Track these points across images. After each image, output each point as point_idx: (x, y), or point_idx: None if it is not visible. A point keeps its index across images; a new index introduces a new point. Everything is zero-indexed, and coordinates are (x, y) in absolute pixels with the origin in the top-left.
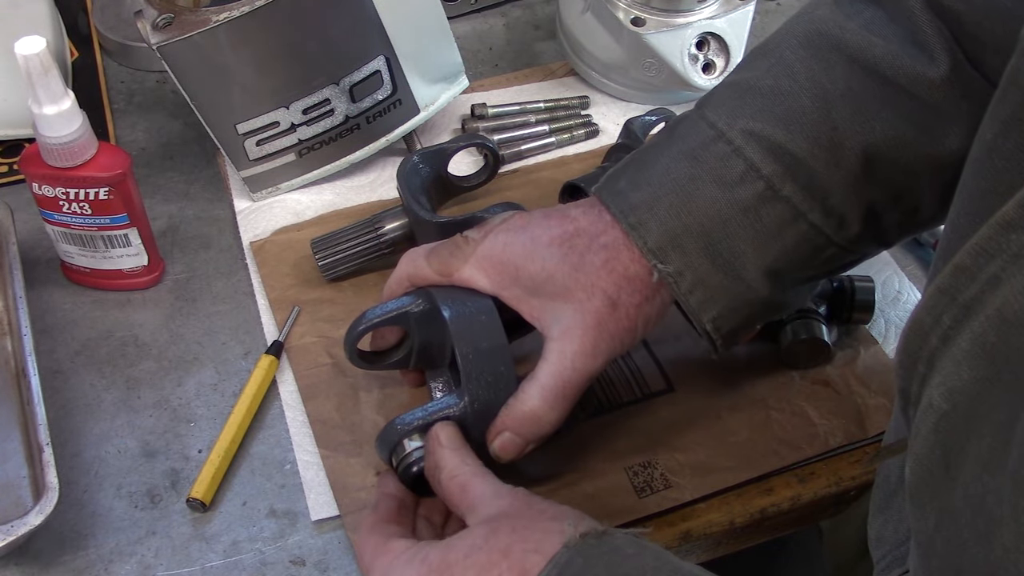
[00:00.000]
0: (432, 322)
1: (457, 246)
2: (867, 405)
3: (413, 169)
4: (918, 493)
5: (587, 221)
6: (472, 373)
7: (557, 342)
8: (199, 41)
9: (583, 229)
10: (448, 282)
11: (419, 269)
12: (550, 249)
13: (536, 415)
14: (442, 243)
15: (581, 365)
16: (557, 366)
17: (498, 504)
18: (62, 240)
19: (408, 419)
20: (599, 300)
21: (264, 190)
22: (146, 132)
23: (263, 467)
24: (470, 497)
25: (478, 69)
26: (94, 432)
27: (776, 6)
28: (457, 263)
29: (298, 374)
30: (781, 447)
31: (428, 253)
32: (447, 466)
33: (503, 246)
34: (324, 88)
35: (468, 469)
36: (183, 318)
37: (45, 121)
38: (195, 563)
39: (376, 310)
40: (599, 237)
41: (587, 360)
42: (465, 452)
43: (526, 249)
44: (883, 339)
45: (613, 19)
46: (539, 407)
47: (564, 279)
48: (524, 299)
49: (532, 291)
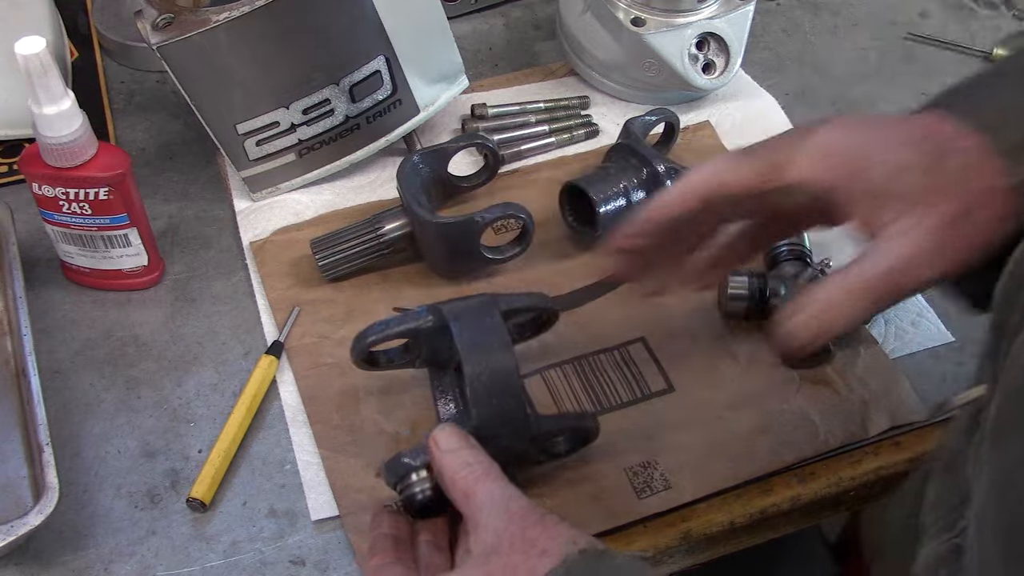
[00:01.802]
0: (441, 335)
1: (783, 143)
2: (867, 405)
3: (413, 169)
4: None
5: (937, 127)
6: (480, 397)
7: (893, 242)
8: (199, 41)
9: (935, 133)
10: (773, 184)
11: (730, 175)
12: (905, 147)
13: (839, 305)
14: (756, 145)
15: (913, 271)
16: (884, 265)
17: (494, 529)
18: (62, 240)
19: (415, 453)
20: (953, 205)
21: (264, 190)
22: (146, 132)
23: (263, 467)
24: (473, 505)
25: (478, 69)
26: (94, 432)
27: (776, 6)
28: (785, 159)
29: (298, 374)
30: (781, 447)
31: (741, 157)
32: (448, 472)
33: (846, 139)
34: (324, 88)
35: (469, 474)
36: (183, 318)
37: (45, 121)
38: (195, 563)
39: (384, 325)
40: (957, 141)
41: (921, 268)
42: (467, 452)
43: (878, 144)
44: (883, 339)
45: (613, 19)
46: (844, 300)
47: (917, 179)
48: (860, 199)
49: (874, 190)
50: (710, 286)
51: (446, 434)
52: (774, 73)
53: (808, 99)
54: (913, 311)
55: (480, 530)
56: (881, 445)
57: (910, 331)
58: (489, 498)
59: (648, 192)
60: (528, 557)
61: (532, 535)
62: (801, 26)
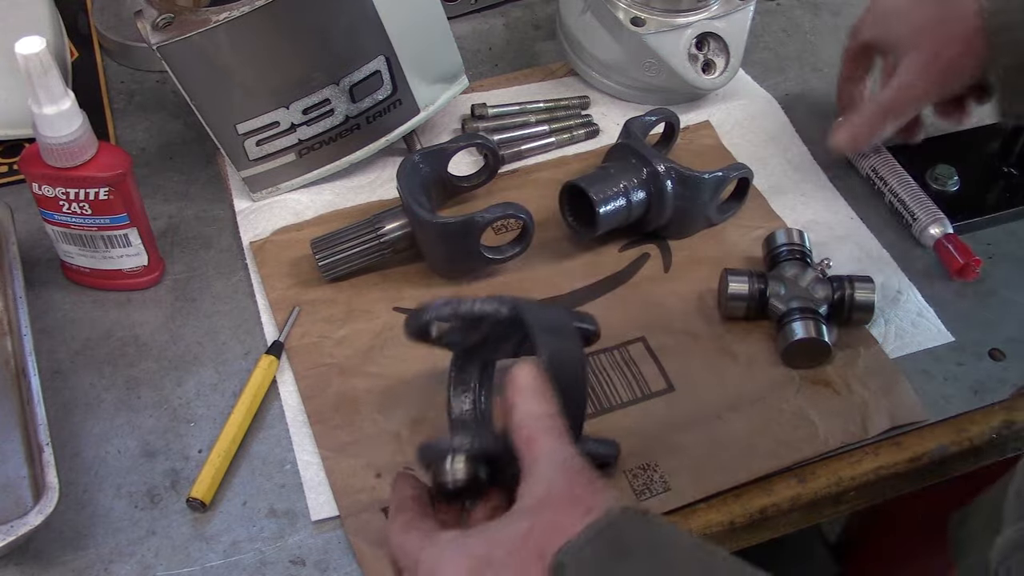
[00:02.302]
0: (501, 327)
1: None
2: (867, 405)
3: (413, 169)
4: None
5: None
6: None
7: (895, 78)
8: (199, 41)
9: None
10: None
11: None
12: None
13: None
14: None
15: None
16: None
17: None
18: (62, 240)
19: (460, 442)
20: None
21: (264, 190)
22: (146, 132)
23: (263, 467)
24: (532, 453)
25: (478, 69)
26: (94, 432)
27: (776, 6)
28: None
29: (298, 374)
30: (781, 447)
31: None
32: (517, 415)
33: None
34: (324, 88)
35: (537, 423)
36: (183, 318)
37: (45, 121)
38: (195, 563)
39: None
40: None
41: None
42: (540, 399)
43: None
44: (883, 339)
45: (613, 19)
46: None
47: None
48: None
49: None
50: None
51: (525, 375)
52: (774, 73)
53: (808, 99)
54: (913, 311)
55: (533, 479)
56: (881, 445)
57: (910, 331)
58: (549, 450)
59: (648, 192)
60: (573, 514)
61: (579, 493)
62: (801, 26)
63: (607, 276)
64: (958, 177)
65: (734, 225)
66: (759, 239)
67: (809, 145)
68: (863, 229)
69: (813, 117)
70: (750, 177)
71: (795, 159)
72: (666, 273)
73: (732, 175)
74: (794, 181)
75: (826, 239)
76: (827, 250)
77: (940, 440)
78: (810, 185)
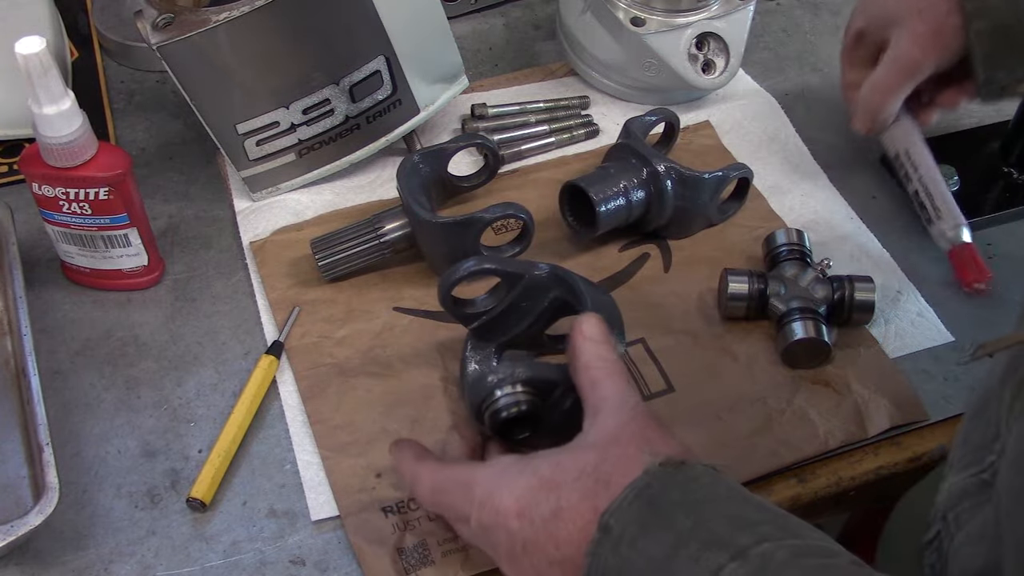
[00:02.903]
0: (534, 290)
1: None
2: (867, 405)
3: (413, 169)
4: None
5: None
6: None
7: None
8: (199, 41)
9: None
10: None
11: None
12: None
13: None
14: None
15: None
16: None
17: (616, 420)
18: (62, 240)
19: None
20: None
21: (264, 190)
22: (146, 132)
23: (263, 467)
24: (597, 395)
25: (478, 69)
26: (94, 432)
27: (776, 6)
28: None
29: (298, 374)
30: (781, 447)
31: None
32: (583, 357)
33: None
34: (324, 88)
35: (603, 366)
36: (183, 318)
37: (45, 121)
38: (195, 563)
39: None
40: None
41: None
42: (606, 347)
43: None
44: (883, 339)
45: (613, 19)
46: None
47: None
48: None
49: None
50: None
51: (592, 323)
52: (774, 73)
53: (808, 99)
54: (913, 311)
55: (600, 418)
56: (881, 445)
57: (910, 331)
58: (616, 391)
59: (648, 192)
60: (642, 452)
61: (650, 434)
62: (801, 26)
63: (607, 276)
64: (958, 177)
65: (734, 225)
66: (759, 239)
67: (809, 145)
68: (863, 229)
69: (813, 117)
70: (750, 177)
71: (795, 159)
72: (666, 273)
73: (732, 175)
74: (794, 181)
75: (826, 239)
76: (827, 250)
77: (940, 440)
78: (810, 185)
